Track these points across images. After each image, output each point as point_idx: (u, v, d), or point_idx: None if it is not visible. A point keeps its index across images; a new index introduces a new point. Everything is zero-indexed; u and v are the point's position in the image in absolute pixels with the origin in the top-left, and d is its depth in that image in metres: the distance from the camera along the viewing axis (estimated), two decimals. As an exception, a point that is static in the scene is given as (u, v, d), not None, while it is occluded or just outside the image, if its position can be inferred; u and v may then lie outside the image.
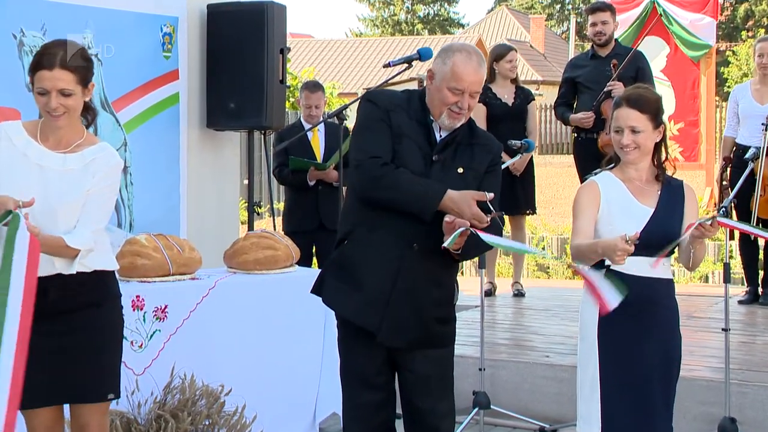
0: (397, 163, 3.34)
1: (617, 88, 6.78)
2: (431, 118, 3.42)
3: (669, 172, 3.58)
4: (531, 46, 39.76)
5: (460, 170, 3.39)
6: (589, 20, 7.19)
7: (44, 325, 3.08)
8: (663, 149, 3.54)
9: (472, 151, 3.44)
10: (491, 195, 3.27)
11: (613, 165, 3.58)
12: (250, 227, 6.18)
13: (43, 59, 3.16)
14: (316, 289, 3.55)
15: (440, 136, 3.43)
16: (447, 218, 3.20)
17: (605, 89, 6.81)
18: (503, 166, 5.75)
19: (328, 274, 3.50)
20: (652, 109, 3.47)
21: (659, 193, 3.51)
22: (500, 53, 7.43)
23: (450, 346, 3.53)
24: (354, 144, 3.45)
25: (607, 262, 3.43)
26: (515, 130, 7.14)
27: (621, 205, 3.47)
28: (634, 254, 3.38)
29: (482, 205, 3.25)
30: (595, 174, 3.61)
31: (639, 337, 3.46)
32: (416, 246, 3.33)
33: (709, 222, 3.32)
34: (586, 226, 3.49)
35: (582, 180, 6.53)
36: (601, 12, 7.12)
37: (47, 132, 3.24)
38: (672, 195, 3.53)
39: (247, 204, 6.36)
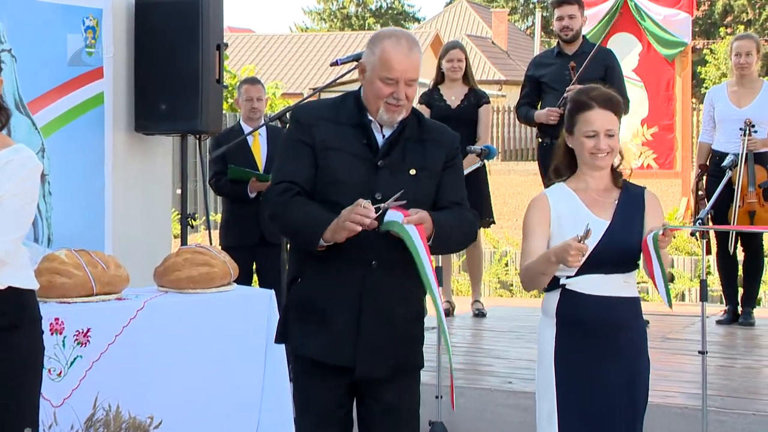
0: (329, 179, 3.33)
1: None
2: (369, 117, 3.40)
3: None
4: (493, 42, 40.07)
5: (413, 172, 3.37)
6: (555, 14, 7.26)
7: None
8: (620, 152, 3.57)
9: (423, 148, 3.42)
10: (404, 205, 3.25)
11: (566, 176, 3.57)
12: (184, 242, 6.15)
13: None
14: (280, 338, 3.55)
15: (383, 136, 3.41)
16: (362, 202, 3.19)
17: (565, 94, 6.88)
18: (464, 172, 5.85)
19: (289, 318, 3.49)
20: (620, 109, 3.53)
21: (616, 202, 3.51)
22: (442, 52, 7.53)
23: (418, 371, 3.55)
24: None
25: (562, 281, 3.46)
26: (462, 135, 7.16)
27: (573, 220, 3.45)
28: (591, 272, 3.41)
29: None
30: (547, 187, 3.62)
31: (599, 360, 3.45)
32: (375, 263, 3.34)
33: (660, 232, 3.34)
34: (537, 246, 3.48)
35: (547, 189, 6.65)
36: (568, 5, 7.20)
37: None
38: (631, 204, 3.52)
39: (179, 216, 6.33)
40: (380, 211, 3.23)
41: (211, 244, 5.89)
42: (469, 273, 7.85)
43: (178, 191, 6.66)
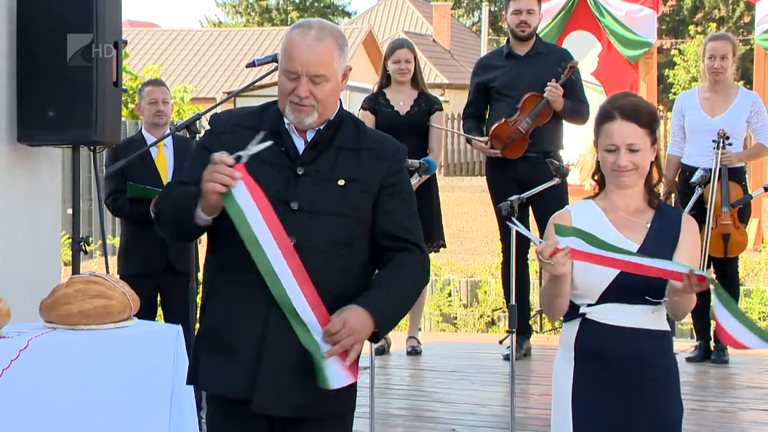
0: None
1: (552, 93, 6.97)
2: (287, 122, 3.42)
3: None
4: (434, 40, 40.40)
5: (341, 183, 3.38)
6: (510, 7, 7.29)
7: None
8: (655, 170, 3.58)
9: (358, 157, 3.42)
10: None
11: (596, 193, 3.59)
12: (75, 270, 6.09)
13: None
14: (191, 379, 3.53)
15: (305, 142, 3.43)
16: None
17: (545, 94, 6.98)
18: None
19: (199, 350, 3.49)
20: (651, 121, 3.52)
21: (649, 225, 3.54)
22: (388, 51, 7.55)
23: (348, 417, 3.54)
24: None
25: (582, 310, 3.49)
26: (412, 146, 7.22)
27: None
28: (614, 300, 3.44)
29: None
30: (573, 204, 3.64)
31: (623, 402, 3.48)
32: None
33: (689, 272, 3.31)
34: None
35: (497, 208, 6.72)
36: None
37: None
38: (665, 228, 3.54)
39: (71, 240, 6.27)
40: (241, 159, 3.22)
41: (107, 272, 5.84)
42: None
43: (69, 211, 6.60)
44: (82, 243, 6.19)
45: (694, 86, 9.03)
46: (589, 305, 3.50)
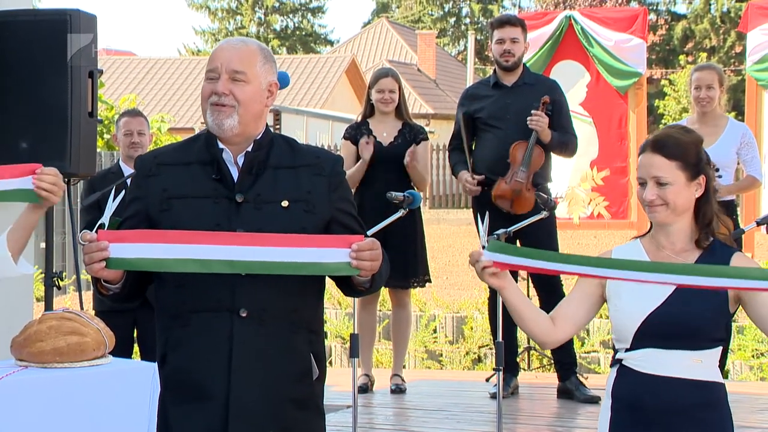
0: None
1: (538, 123, 6.99)
2: (220, 145, 3.42)
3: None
4: (419, 69, 40.55)
5: (285, 204, 3.37)
6: (494, 36, 7.32)
7: None
8: (708, 207, 3.43)
9: (297, 176, 3.42)
10: None
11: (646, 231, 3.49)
12: (48, 306, 6.07)
13: None
14: (162, 430, 3.49)
15: (238, 167, 3.41)
16: None
17: (529, 122, 7.00)
18: (379, 227, 5.89)
19: (166, 402, 3.46)
20: (684, 154, 3.39)
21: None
22: (371, 81, 7.56)
23: None
24: None
25: (619, 356, 3.40)
26: (395, 177, 7.25)
27: (636, 285, 3.31)
28: (649, 345, 3.33)
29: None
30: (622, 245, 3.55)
31: None
32: (244, 312, 3.34)
33: None
34: (565, 306, 3.47)
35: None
36: (510, 27, 7.27)
37: None
38: None
39: (43, 275, 6.25)
40: (105, 226, 3.27)
41: (82, 308, 5.83)
42: (393, 341, 7.87)
43: (42, 245, 6.60)
44: (55, 278, 6.17)
45: (684, 117, 9.06)
46: (627, 350, 3.40)
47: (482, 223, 3.45)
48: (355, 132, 7.54)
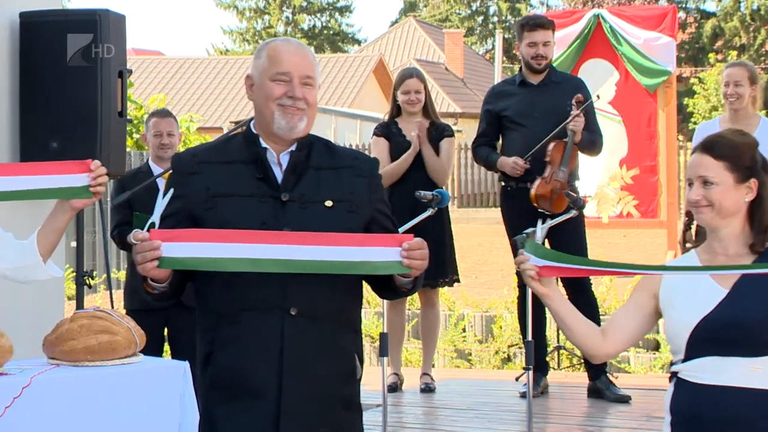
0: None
1: (576, 125, 6.97)
2: (263, 144, 3.44)
3: None
4: (446, 68, 40.52)
5: (329, 204, 3.40)
6: (525, 38, 7.29)
7: None
8: (762, 212, 3.32)
9: (338, 176, 3.46)
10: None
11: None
12: (79, 305, 6.10)
13: None
14: (205, 430, 3.48)
15: (280, 167, 3.44)
16: None
17: (568, 124, 6.97)
18: (408, 226, 5.90)
19: (211, 402, 3.46)
20: (735, 155, 3.31)
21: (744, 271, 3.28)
22: (397, 81, 7.58)
23: None
24: None
25: (675, 368, 3.32)
26: (423, 177, 7.26)
27: (687, 286, 3.31)
28: (704, 354, 3.24)
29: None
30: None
31: None
32: (294, 310, 3.35)
33: None
34: (616, 318, 3.41)
35: (512, 241, 6.71)
36: (543, 30, 7.26)
37: None
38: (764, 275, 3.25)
39: (74, 274, 6.28)
40: (155, 225, 3.27)
41: (112, 307, 5.86)
42: (422, 340, 7.88)
43: (73, 244, 6.63)
44: (86, 277, 6.20)
45: (714, 116, 9.02)
46: (682, 361, 3.32)
47: (538, 227, 3.43)
48: (386, 129, 7.56)
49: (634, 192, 11.36)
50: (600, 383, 7.26)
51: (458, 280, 7.66)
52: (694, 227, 7.61)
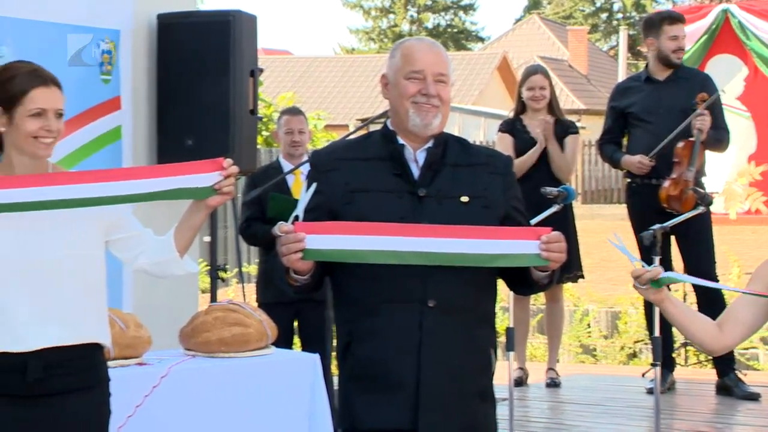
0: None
1: (703, 124, 6.86)
2: (400, 141, 3.47)
3: None
4: (570, 65, 40.12)
5: (464, 199, 3.42)
6: (665, 32, 7.19)
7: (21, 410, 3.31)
8: None
9: (474, 173, 3.47)
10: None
11: None
12: (213, 298, 6.20)
13: None
14: (345, 420, 3.50)
15: (417, 164, 3.47)
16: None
17: (695, 123, 6.86)
18: (534, 222, 5.87)
19: (351, 392, 3.48)
20: None
21: None
22: (522, 78, 7.54)
23: None
24: None
25: None
26: (549, 174, 7.21)
27: None
28: None
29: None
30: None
31: None
32: (432, 303, 3.37)
33: None
34: (732, 310, 3.35)
35: (638, 237, 6.62)
36: (682, 24, 7.25)
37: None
38: None
39: (208, 268, 6.38)
40: (299, 218, 3.28)
41: (244, 300, 5.93)
42: (547, 335, 7.83)
43: (207, 239, 6.73)
44: (219, 271, 6.29)
45: None
46: None
47: (619, 245, 3.40)
48: (511, 126, 7.53)
49: (763, 188, 11.13)
50: (728, 380, 7.12)
51: (582, 276, 7.59)
52: None
